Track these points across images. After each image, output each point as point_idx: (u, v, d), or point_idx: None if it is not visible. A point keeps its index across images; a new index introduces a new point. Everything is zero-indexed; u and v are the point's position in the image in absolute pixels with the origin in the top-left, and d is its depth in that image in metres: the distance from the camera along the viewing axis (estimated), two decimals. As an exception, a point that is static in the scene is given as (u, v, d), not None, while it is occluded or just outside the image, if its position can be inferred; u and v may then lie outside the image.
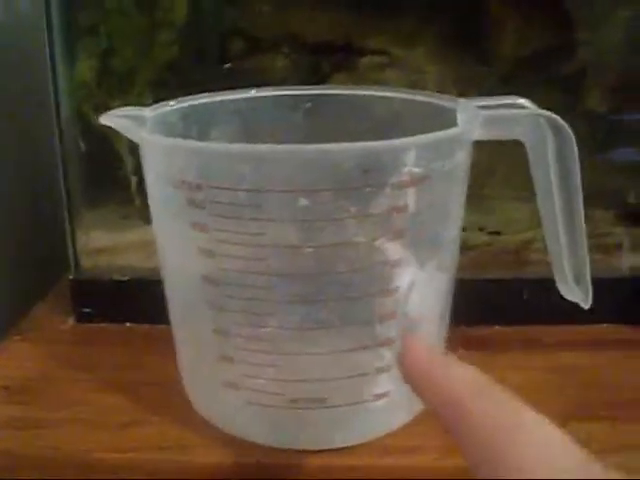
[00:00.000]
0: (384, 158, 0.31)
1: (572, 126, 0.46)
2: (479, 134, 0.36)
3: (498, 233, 0.48)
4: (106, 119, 0.36)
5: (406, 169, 0.31)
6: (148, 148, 0.34)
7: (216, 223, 0.32)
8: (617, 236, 0.48)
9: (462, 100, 0.37)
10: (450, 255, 0.36)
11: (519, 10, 0.46)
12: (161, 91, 0.45)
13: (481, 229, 0.48)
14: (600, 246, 0.48)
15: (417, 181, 0.31)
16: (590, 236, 0.47)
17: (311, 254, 0.32)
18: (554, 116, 0.36)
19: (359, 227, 0.31)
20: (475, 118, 0.35)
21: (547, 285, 0.40)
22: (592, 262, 0.47)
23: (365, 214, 0.31)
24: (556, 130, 0.36)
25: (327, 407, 0.35)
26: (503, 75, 0.48)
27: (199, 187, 0.32)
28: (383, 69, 0.47)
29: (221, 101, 0.40)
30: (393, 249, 0.32)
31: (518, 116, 0.36)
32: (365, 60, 0.47)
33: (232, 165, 0.31)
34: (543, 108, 0.37)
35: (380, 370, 0.34)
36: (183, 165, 0.32)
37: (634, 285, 0.48)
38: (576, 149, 0.36)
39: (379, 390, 0.35)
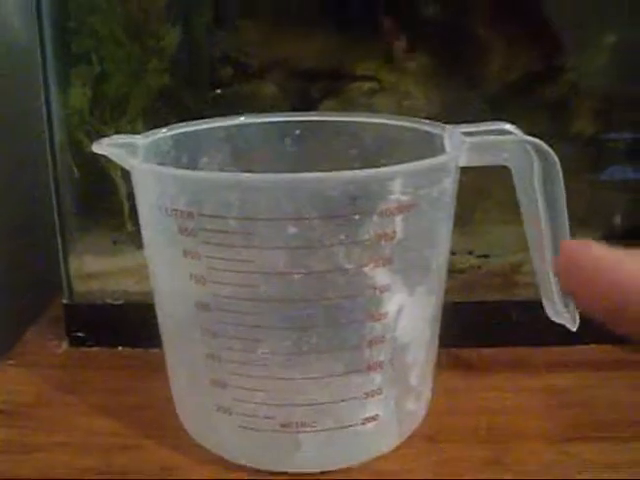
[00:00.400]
0: (371, 186, 0.31)
1: (560, 149, 0.46)
2: (465, 160, 0.36)
3: (487, 256, 0.48)
4: (98, 147, 0.37)
5: (393, 197, 0.31)
6: (139, 176, 0.35)
7: (207, 251, 0.32)
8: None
9: (449, 127, 0.38)
10: (438, 279, 0.37)
11: (506, 35, 0.47)
12: (153, 118, 0.45)
13: (470, 252, 0.48)
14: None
15: (404, 208, 0.32)
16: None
17: (300, 280, 0.32)
18: (539, 142, 0.37)
19: (347, 254, 0.32)
20: (461, 145, 0.36)
21: (536, 307, 0.40)
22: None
23: (353, 241, 0.32)
24: (541, 155, 0.36)
25: (317, 431, 0.35)
26: (492, 99, 0.48)
27: (190, 215, 0.32)
28: (372, 95, 0.47)
29: (211, 128, 0.41)
30: (381, 275, 0.33)
31: (504, 142, 0.37)
32: (354, 86, 0.47)
33: (221, 193, 0.32)
34: (532, 131, 0.37)
35: (369, 394, 0.35)
36: (174, 193, 0.33)
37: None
38: (561, 174, 0.37)
39: (368, 414, 0.35)
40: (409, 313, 0.34)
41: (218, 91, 0.47)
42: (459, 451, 0.39)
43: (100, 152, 0.36)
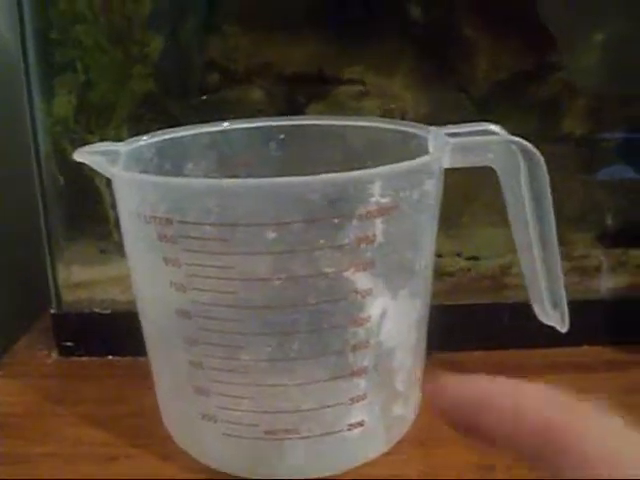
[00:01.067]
0: (350, 189, 0.31)
1: (550, 149, 0.46)
2: (450, 162, 0.36)
3: (476, 258, 0.48)
4: (79, 155, 0.36)
5: (373, 200, 0.31)
6: (119, 184, 0.35)
7: (187, 257, 0.32)
8: (596, 258, 0.48)
9: (432, 128, 0.38)
10: (423, 282, 0.36)
11: (493, 35, 0.47)
12: (139, 125, 0.45)
13: (459, 255, 0.48)
14: (579, 268, 0.48)
15: (385, 211, 0.32)
16: (569, 259, 0.48)
17: (281, 286, 0.32)
18: (525, 142, 0.36)
19: (328, 258, 0.31)
20: (444, 146, 0.35)
21: (527, 309, 0.40)
22: (572, 284, 0.48)
23: (333, 245, 0.31)
24: (527, 156, 0.36)
25: (303, 437, 0.35)
26: (480, 100, 0.48)
27: (169, 222, 0.32)
28: (360, 98, 0.47)
29: (195, 134, 0.41)
30: (363, 279, 0.32)
31: (488, 143, 0.37)
32: (341, 89, 0.47)
33: (199, 200, 0.32)
34: (521, 131, 0.37)
35: (354, 400, 0.34)
36: (153, 200, 0.32)
37: (613, 306, 0.48)
38: (547, 174, 0.37)
39: (354, 420, 0.35)
40: (393, 317, 0.34)
41: (204, 97, 0.47)
42: (450, 456, 0.38)
43: (81, 160, 0.36)
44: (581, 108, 0.48)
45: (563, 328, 0.40)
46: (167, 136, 0.40)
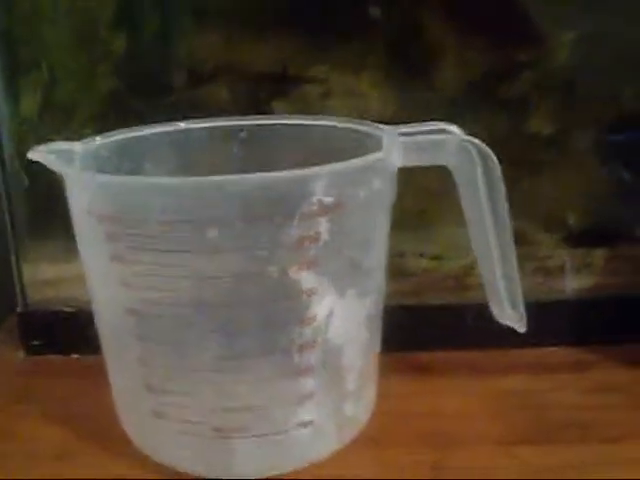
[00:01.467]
0: (291, 188, 0.31)
1: (518, 148, 0.46)
2: (403, 161, 0.36)
3: (440, 258, 0.48)
4: (34, 154, 0.36)
5: (315, 198, 0.31)
6: (69, 183, 0.35)
7: (132, 255, 0.32)
8: (560, 259, 0.48)
9: (386, 127, 0.38)
10: (373, 281, 0.36)
11: (461, 34, 0.47)
12: (104, 124, 0.45)
13: (421, 254, 0.48)
14: (543, 269, 0.48)
15: (329, 210, 0.32)
16: (533, 259, 0.48)
17: (225, 284, 0.32)
18: (479, 142, 0.36)
19: (270, 257, 0.32)
20: (393, 145, 0.35)
21: (490, 310, 0.40)
22: (536, 285, 0.48)
23: (275, 244, 0.31)
24: (482, 156, 0.36)
25: (252, 436, 0.35)
26: (448, 100, 0.48)
27: (115, 220, 0.32)
28: (325, 97, 0.47)
29: (154, 133, 0.41)
30: (308, 278, 0.32)
31: (442, 142, 0.37)
32: (306, 88, 0.47)
33: (142, 198, 0.32)
34: (487, 131, 0.37)
35: (303, 398, 0.35)
36: (99, 199, 0.33)
37: (577, 307, 0.48)
38: (501, 175, 0.37)
39: (303, 419, 0.35)
40: (340, 316, 0.34)
41: (169, 96, 0.47)
42: (403, 456, 0.38)
43: (36, 159, 0.36)
44: (549, 107, 0.48)
45: (522, 328, 0.40)
46: (125, 135, 0.40)
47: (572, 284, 0.49)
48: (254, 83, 0.47)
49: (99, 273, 0.35)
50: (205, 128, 0.42)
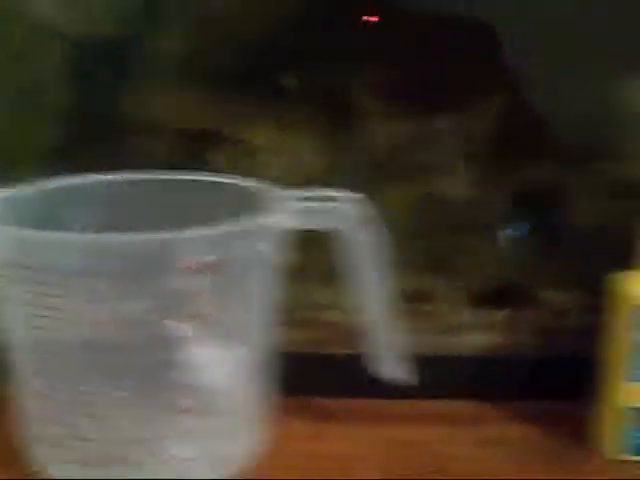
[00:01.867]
0: (173, 247, 0.34)
1: (431, 210, 0.49)
2: (293, 223, 0.40)
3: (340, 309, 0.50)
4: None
5: (195, 257, 0.35)
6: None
7: (34, 299, 0.36)
8: (461, 316, 0.51)
9: (280, 191, 0.41)
10: (256, 334, 0.40)
11: (386, 101, 0.50)
12: (45, 172, 0.48)
13: (332, 307, 0.51)
14: (445, 325, 0.51)
15: (210, 267, 0.35)
16: (436, 316, 0.51)
17: (111, 330, 0.36)
18: (367, 208, 0.40)
19: (152, 308, 0.35)
20: (280, 210, 0.39)
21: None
22: (438, 341, 0.51)
23: (156, 296, 0.35)
24: (368, 221, 0.40)
25: (134, 466, 0.38)
26: (373, 163, 0.51)
27: (20, 267, 0.36)
28: (257, 154, 0.51)
29: (71, 185, 0.44)
30: (186, 328, 0.36)
31: (329, 208, 0.40)
32: (240, 146, 0.51)
33: (42, 250, 0.35)
34: (408, 194, 0.40)
35: (181, 435, 0.38)
36: (5, 247, 0.36)
37: (474, 363, 0.51)
38: (386, 239, 0.40)
39: (182, 454, 0.38)
40: (219, 364, 0.37)
41: (109, 147, 0.50)
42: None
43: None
44: (465, 171, 0.51)
45: (409, 381, 0.43)
46: (46, 186, 0.43)
47: (469, 341, 0.52)
48: (188, 139, 0.51)
49: (8, 310, 0.39)
50: (125, 182, 0.45)
